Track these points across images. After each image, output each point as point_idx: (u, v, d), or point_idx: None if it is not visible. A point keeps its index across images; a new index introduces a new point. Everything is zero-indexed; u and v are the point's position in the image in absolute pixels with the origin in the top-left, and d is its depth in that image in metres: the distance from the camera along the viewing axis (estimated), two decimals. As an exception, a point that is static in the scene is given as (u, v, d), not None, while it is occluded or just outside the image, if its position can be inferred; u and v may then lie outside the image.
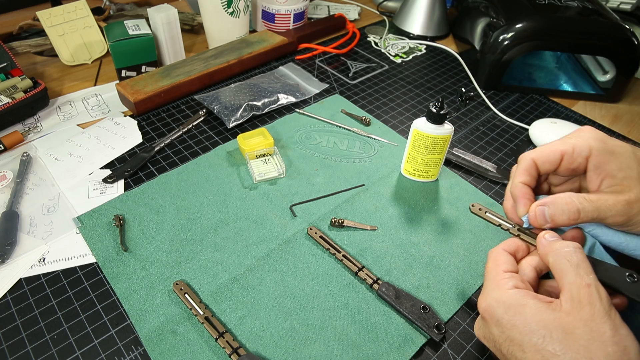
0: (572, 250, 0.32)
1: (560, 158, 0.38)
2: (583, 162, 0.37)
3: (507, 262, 0.36)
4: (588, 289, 0.29)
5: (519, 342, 0.30)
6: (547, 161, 0.38)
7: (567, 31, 0.67)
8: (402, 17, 0.90)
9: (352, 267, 0.45)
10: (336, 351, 0.39)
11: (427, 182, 0.55)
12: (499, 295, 0.33)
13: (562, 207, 0.35)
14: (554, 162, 0.38)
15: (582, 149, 0.36)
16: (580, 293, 0.29)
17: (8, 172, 0.53)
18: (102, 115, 0.64)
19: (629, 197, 0.33)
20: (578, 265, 0.31)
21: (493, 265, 0.36)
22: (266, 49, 0.75)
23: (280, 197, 0.52)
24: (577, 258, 0.31)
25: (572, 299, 0.29)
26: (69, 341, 0.38)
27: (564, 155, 0.37)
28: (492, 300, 0.33)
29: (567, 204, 0.35)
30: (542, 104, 0.72)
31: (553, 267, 0.32)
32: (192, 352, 0.38)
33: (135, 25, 0.68)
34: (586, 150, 0.36)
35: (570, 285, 0.30)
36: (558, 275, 0.32)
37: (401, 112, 0.68)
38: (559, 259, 0.32)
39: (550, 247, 0.34)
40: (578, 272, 0.30)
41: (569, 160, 0.37)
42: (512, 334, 0.31)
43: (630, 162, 0.35)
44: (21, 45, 0.73)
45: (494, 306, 0.32)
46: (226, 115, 0.61)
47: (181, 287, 0.42)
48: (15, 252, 0.45)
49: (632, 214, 0.33)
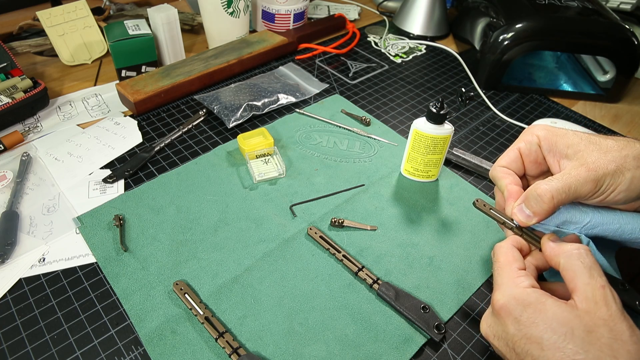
0: (584, 253, 0.32)
1: (520, 155, 0.41)
2: (539, 151, 0.40)
3: (519, 260, 0.36)
4: (603, 290, 0.30)
5: (538, 340, 0.30)
6: (511, 161, 0.41)
7: (567, 31, 0.67)
8: (402, 17, 0.90)
9: (352, 267, 0.45)
10: (336, 351, 0.39)
11: (427, 182, 0.55)
12: (517, 293, 0.32)
13: (534, 196, 0.36)
14: (517, 160, 0.41)
15: (532, 140, 0.40)
16: (595, 294, 0.30)
17: (8, 172, 0.53)
18: (102, 115, 0.64)
19: (587, 165, 0.35)
20: (591, 267, 0.31)
21: (506, 262, 0.36)
22: (266, 49, 0.75)
23: (280, 197, 0.52)
24: (589, 260, 0.32)
25: (588, 299, 0.30)
26: (69, 341, 0.38)
27: (521, 151, 0.41)
28: (510, 298, 0.33)
29: (537, 189, 0.36)
30: (542, 104, 0.72)
31: (564, 268, 0.33)
32: (192, 352, 0.38)
33: (135, 25, 0.68)
34: (535, 140, 0.40)
35: (585, 286, 0.30)
36: (570, 276, 0.32)
37: (401, 112, 0.68)
38: (572, 260, 0.32)
39: (560, 249, 0.34)
40: (592, 274, 0.31)
41: (526, 153, 0.41)
42: (531, 331, 0.31)
43: (574, 138, 0.38)
44: (21, 45, 0.73)
45: (512, 303, 0.32)
46: (226, 115, 0.61)
47: (181, 287, 0.42)
48: (15, 252, 0.45)
49: (598, 177, 0.34)
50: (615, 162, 0.34)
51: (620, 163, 0.34)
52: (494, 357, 0.39)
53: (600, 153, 0.35)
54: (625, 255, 0.41)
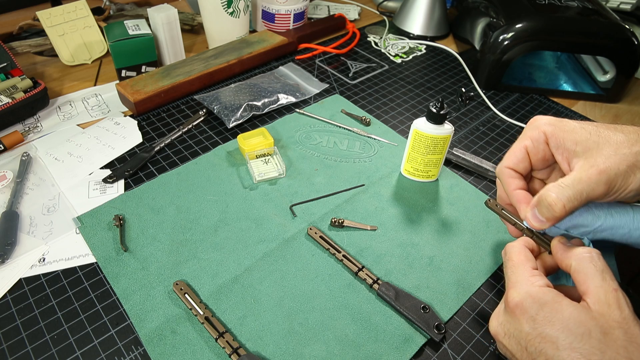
0: (596, 256, 0.33)
1: (526, 153, 0.39)
2: (546, 148, 0.38)
3: (532, 260, 0.36)
4: (616, 293, 0.30)
5: (554, 340, 0.30)
6: (518, 161, 0.40)
7: (567, 31, 0.67)
8: (402, 17, 0.90)
9: (352, 267, 0.45)
10: (336, 351, 0.39)
11: (427, 182, 0.55)
12: (533, 291, 0.32)
13: (546, 205, 0.35)
14: (523, 159, 0.40)
15: (538, 136, 0.38)
16: (608, 297, 0.30)
17: (8, 172, 0.53)
18: (102, 115, 0.64)
19: (597, 167, 0.34)
20: (603, 270, 0.31)
21: (520, 261, 0.36)
22: (266, 49, 0.75)
23: (280, 197, 0.52)
24: (601, 263, 0.32)
25: (601, 302, 0.30)
26: (69, 341, 0.38)
27: (527, 149, 0.39)
28: (526, 296, 0.32)
29: (547, 198, 0.35)
30: (542, 104, 0.72)
31: (576, 271, 0.33)
32: (192, 352, 0.38)
33: (135, 25, 0.68)
34: (542, 137, 0.38)
35: (597, 289, 0.31)
36: (582, 278, 0.32)
37: (401, 112, 0.68)
38: (584, 263, 0.32)
39: (572, 252, 0.34)
40: (604, 277, 0.31)
41: (533, 151, 0.39)
42: (547, 330, 0.30)
43: (583, 133, 0.36)
44: (21, 45, 0.73)
45: (528, 301, 0.32)
46: (226, 115, 0.61)
47: (181, 287, 0.42)
48: (15, 252, 0.45)
49: (610, 179, 0.33)
50: (626, 161, 0.33)
51: (632, 161, 0.33)
52: (494, 358, 0.39)
53: (610, 150, 0.34)
54: (625, 255, 0.41)
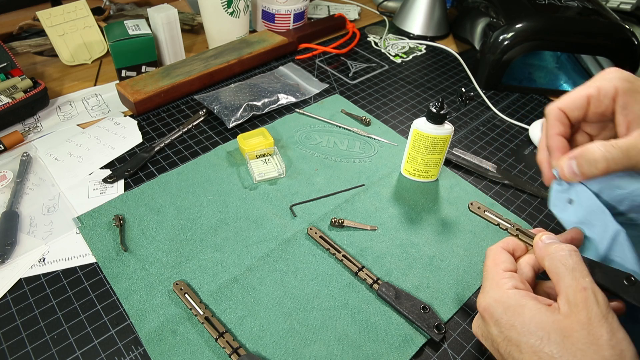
0: (567, 254, 0.32)
1: (587, 102, 0.36)
2: (610, 104, 0.35)
3: (507, 261, 0.36)
4: (584, 293, 0.29)
5: (517, 343, 0.30)
6: (574, 107, 0.37)
7: (567, 31, 0.67)
8: (402, 17, 0.90)
9: (352, 267, 0.45)
10: (336, 351, 0.39)
11: (427, 182, 0.55)
12: (498, 295, 0.33)
13: (589, 158, 0.33)
14: (581, 107, 0.36)
15: (608, 90, 0.35)
16: (576, 296, 0.29)
17: (8, 172, 0.53)
18: (102, 115, 0.64)
19: None
20: (574, 269, 0.31)
21: (492, 264, 0.36)
22: (266, 49, 0.75)
23: (280, 197, 0.52)
24: (572, 261, 0.31)
25: (569, 302, 0.29)
26: (69, 341, 0.38)
27: (590, 99, 0.36)
28: (491, 300, 0.33)
29: (594, 153, 0.33)
30: (542, 104, 0.72)
31: (549, 271, 0.32)
32: (192, 352, 0.38)
33: (135, 25, 0.68)
34: (612, 91, 0.35)
35: (566, 289, 0.30)
36: (554, 278, 0.32)
37: (401, 112, 0.68)
38: (555, 263, 0.32)
39: (545, 250, 0.33)
40: (574, 276, 0.30)
41: (595, 103, 0.36)
42: (511, 334, 0.31)
43: None
44: (21, 45, 0.73)
45: (493, 306, 0.32)
46: (226, 115, 0.61)
47: (181, 287, 0.42)
48: (15, 252, 0.45)
49: None
50: None
51: None
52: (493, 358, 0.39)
53: None
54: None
